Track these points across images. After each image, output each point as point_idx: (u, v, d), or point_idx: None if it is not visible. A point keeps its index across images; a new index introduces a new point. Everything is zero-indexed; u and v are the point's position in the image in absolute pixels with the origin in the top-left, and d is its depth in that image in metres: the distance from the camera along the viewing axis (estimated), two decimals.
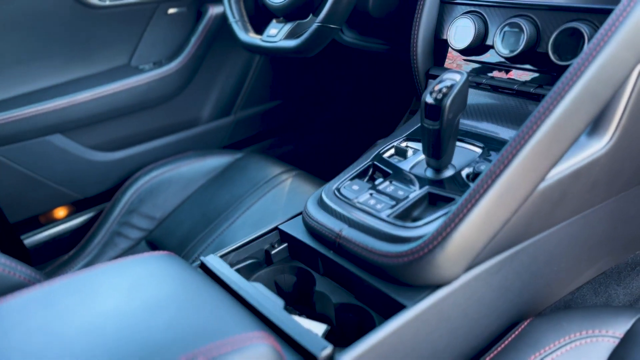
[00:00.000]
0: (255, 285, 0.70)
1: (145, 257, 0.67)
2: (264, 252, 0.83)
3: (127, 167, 1.47)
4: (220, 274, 0.72)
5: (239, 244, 0.82)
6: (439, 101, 0.72)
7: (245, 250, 0.82)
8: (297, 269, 0.81)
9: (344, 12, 0.99)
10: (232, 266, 0.79)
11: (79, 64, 1.44)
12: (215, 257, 0.77)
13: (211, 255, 0.77)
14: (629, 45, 0.65)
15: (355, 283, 0.72)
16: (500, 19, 0.88)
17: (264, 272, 0.81)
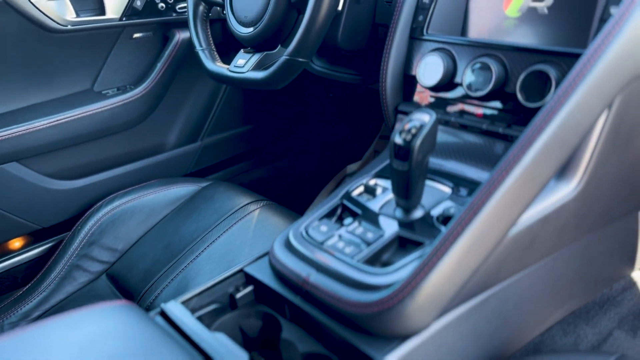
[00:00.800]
0: (217, 336, 0.67)
1: (101, 309, 0.63)
2: (229, 295, 0.80)
3: (88, 196, 1.42)
4: (181, 324, 0.69)
5: (201, 288, 0.78)
6: (408, 142, 0.71)
7: (208, 294, 0.78)
8: (263, 314, 0.78)
9: (313, 46, 0.97)
10: (195, 312, 0.75)
11: (39, 89, 1.39)
12: (177, 303, 0.73)
13: (172, 302, 0.73)
14: (596, 92, 0.65)
15: (323, 331, 0.69)
16: (469, 57, 0.88)
17: (228, 317, 0.78)
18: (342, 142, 1.92)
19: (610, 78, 0.65)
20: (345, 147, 1.92)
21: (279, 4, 1.05)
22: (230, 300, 0.80)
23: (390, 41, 0.97)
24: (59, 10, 1.33)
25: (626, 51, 0.65)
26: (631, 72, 0.67)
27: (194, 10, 1.24)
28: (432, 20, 0.94)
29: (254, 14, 1.08)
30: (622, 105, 0.69)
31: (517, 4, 0.87)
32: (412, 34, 0.96)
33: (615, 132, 0.70)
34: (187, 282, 1.11)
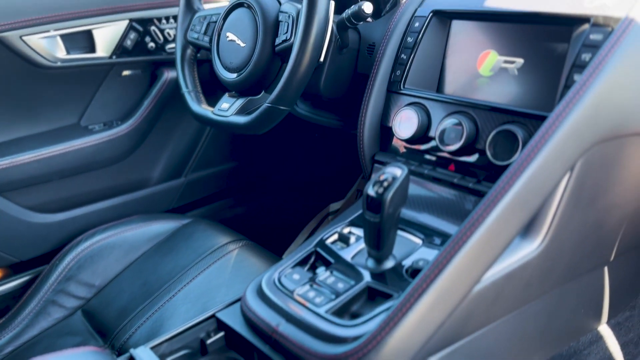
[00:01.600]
0: None
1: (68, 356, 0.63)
2: (200, 341, 0.80)
3: (68, 230, 1.42)
4: None
5: (172, 333, 0.79)
6: (380, 195, 0.73)
7: (179, 339, 0.79)
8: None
9: (294, 95, 1.00)
10: (165, 357, 0.76)
11: (25, 123, 1.40)
12: (146, 349, 0.74)
13: (141, 348, 0.74)
14: (558, 157, 0.68)
15: None
16: (442, 113, 0.91)
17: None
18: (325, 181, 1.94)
19: (571, 143, 0.68)
20: (328, 186, 1.94)
21: (264, 52, 1.08)
22: (201, 346, 0.80)
23: (369, 93, 1.01)
24: (50, 47, 1.36)
25: (586, 118, 0.69)
26: (591, 138, 0.70)
27: (182, 52, 1.27)
28: (409, 75, 0.98)
29: (239, 60, 1.12)
30: (584, 168, 0.72)
31: (490, 64, 0.91)
32: (389, 87, 1.00)
33: (577, 193, 0.73)
34: (161, 322, 1.11)
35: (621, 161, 0.75)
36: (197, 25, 1.26)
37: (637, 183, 0.79)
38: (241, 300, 0.80)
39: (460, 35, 0.96)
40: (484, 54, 0.92)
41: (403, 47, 0.99)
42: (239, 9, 1.14)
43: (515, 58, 0.88)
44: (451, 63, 0.97)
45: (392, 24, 1.02)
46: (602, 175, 0.75)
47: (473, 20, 0.94)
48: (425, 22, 0.98)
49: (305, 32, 0.95)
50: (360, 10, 1.03)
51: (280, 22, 1.06)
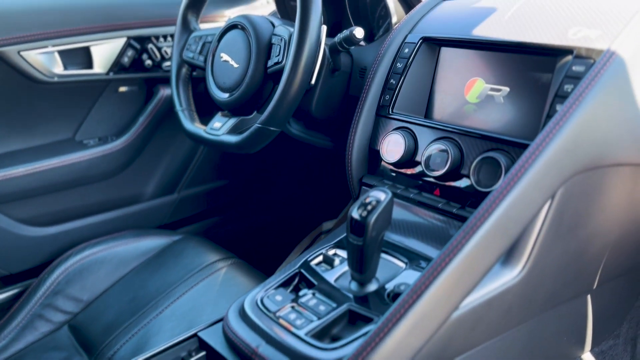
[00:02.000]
0: None
1: None
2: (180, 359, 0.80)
3: (59, 244, 1.43)
4: None
5: (154, 351, 0.79)
6: (364, 218, 0.74)
7: (160, 357, 0.79)
8: None
9: (284, 116, 1.01)
10: None
11: (20, 136, 1.42)
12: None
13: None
14: (537, 186, 0.69)
15: None
16: (429, 138, 0.92)
17: None
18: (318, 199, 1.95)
19: (551, 172, 0.69)
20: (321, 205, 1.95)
21: (256, 74, 1.09)
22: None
23: (358, 116, 1.02)
24: (47, 63, 1.38)
25: (566, 149, 0.70)
26: (571, 168, 0.71)
27: (177, 71, 1.29)
28: (398, 100, 0.99)
29: (232, 81, 1.13)
30: (564, 197, 0.73)
31: (477, 91, 0.93)
32: (378, 111, 1.01)
33: (558, 221, 0.74)
34: (147, 339, 1.11)
35: (602, 191, 0.76)
36: (193, 44, 1.28)
37: (618, 212, 0.80)
38: (223, 320, 0.81)
39: (448, 62, 0.98)
40: (472, 81, 0.94)
41: (392, 72, 1.01)
42: (234, 30, 1.16)
43: (501, 86, 0.90)
44: (439, 89, 0.99)
45: (382, 49, 1.04)
46: (582, 204, 0.76)
47: (461, 48, 0.96)
48: (414, 49, 1.00)
49: (296, 55, 0.97)
50: (351, 35, 1.05)
51: (272, 44, 1.08)
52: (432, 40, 0.99)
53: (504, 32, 0.89)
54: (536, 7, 0.90)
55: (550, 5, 0.88)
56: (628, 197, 0.79)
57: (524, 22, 0.88)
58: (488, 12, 0.95)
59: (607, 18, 0.80)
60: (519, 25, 0.88)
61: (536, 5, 0.90)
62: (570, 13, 0.84)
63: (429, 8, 1.06)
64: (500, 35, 0.89)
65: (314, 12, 0.96)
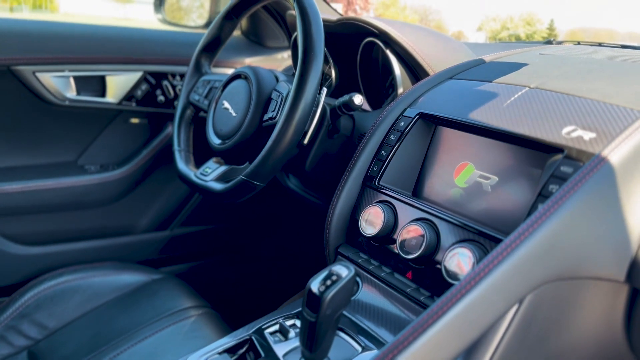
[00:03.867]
0: None
1: None
2: None
3: (40, 265, 1.42)
4: None
5: None
6: (321, 293, 0.70)
7: None
8: None
9: (268, 173, 0.99)
10: None
11: (23, 153, 1.43)
12: None
13: None
14: (500, 290, 0.64)
15: None
16: (409, 216, 0.88)
17: None
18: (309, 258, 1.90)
19: (518, 277, 0.64)
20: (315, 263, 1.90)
21: (251, 125, 1.08)
22: None
23: (344, 183, 0.99)
24: (61, 86, 1.41)
25: (538, 253, 0.65)
26: (543, 275, 0.66)
27: (182, 111, 1.29)
28: (386, 172, 0.96)
29: (228, 129, 1.12)
30: (534, 304, 0.67)
31: (466, 176, 0.89)
32: (365, 181, 0.98)
33: (524, 330, 0.68)
34: None
35: (577, 303, 0.70)
36: (201, 87, 1.28)
37: (595, 329, 0.74)
38: None
39: (442, 142, 0.95)
40: (462, 164, 0.90)
41: (385, 143, 0.98)
42: (238, 79, 1.16)
43: (490, 174, 0.86)
44: (430, 168, 0.95)
45: (379, 118, 1.02)
46: (555, 314, 0.70)
47: (457, 130, 0.93)
48: (410, 123, 0.97)
49: (288, 114, 0.95)
50: (350, 101, 1.04)
51: (271, 99, 1.08)
52: (429, 117, 0.97)
53: (499, 120, 0.86)
54: (537, 99, 0.87)
55: (552, 99, 0.85)
56: (606, 315, 0.73)
57: (521, 112, 0.85)
58: (488, 97, 0.92)
59: (605, 122, 0.76)
60: (516, 115, 0.85)
61: (537, 97, 0.87)
62: (569, 110, 0.81)
63: (432, 84, 1.04)
64: (495, 122, 0.86)
65: (312, 75, 0.95)
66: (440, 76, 1.07)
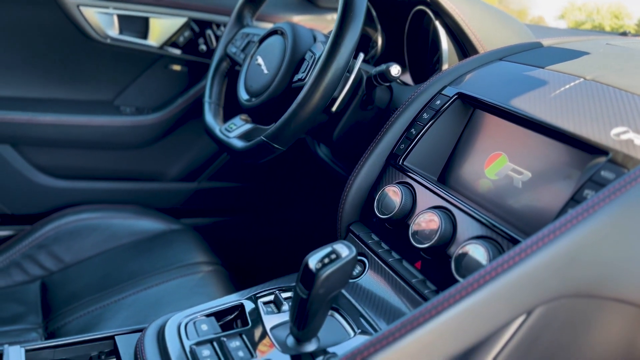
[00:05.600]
0: None
1: None
2: (89, 359, 0.75)
3: (63, 198, 1.43)
4: None
5: (68, 340, 0.74)
6: (317, 270, 0.66)
7: (67, 350, 0.74)
8: None
9: (290, 137, 0.94)
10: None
11: (60, 86, 1.44)
12: (20, 349, 0.69)
13: (16, 347, 0.69)
14: (506, 298, 0.57)
15: None
16: (427, 203, 0.82)
17: None
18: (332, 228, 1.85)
19: (529, 286, 0.57)
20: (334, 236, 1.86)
21: (281, 85, 1.03)
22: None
23: (365, 158, 0.93)
24: (104, 23, 1.39)
25: (557, 264, 0.58)
26: (558, 289, 0.59)
27: (217, 63, 1.25)
28: (413, 152, 0.89)
29: (258, 86, 1.08)
30: (544, 319, 0.60)
31: (497, 167, 0.82)
32: (389, 158, 0.92)
33: (529, 344, 0.62)
34: (99, 320, 1.07)
35: (593, 325, 0.63)
36: (239, 40, 1.24)
37: (608, 356, 0.66)
38: (142, 332, 0.74)
39: (478, 128, 0.87)
40: (495, 155, 0.82)
41: (416, 121, 0.91)
42: (276, 36, 1.10)
43: (523, 169, 0.78)
44: (460, 154, 0.88)
45: (415, 93, 0.95)
46: (565, 334, 0.63)
47: (495, 116, 0.85)
48: (447, 102, 0.90)
49: (317, 77, 0.89)
50: (386, 71, 0.97)
51: (304, 59, 1.02)
52: (468, 99, 0.89)
53: (543, 111, 0.77)
54: (590, 92, 0.77)
55: (606, 94, 0.76)
56: (625, 342, 0.65)
57: (569, 105, 0.76)
58: (536, 85, 0.84)
59: None
60: (562, 107, 0.76)
61: (591, 91, 0.78)
62: (623, 109, 0.72)
63: (479, 64, 0.96)
64: (538, 113, 0.77)
65: (349, 37, 0.88)
66: (489, 56, 0.98)
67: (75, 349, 0.74)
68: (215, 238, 1.45)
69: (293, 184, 1.75)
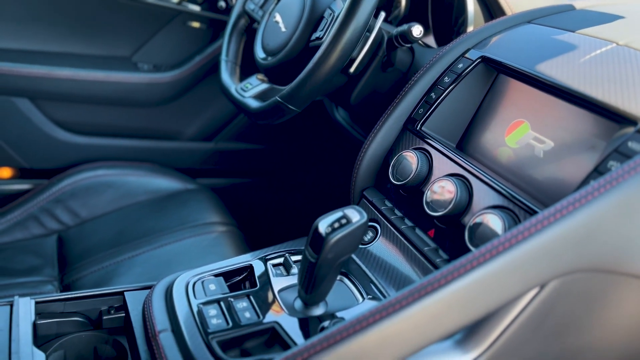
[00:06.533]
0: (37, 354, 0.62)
1: None
2: (99, 312, 0.75)
3: (80, 154, 1.43)
4: (14, 326, 0.65)
5: (75, 294, 0.74)
6: (327, 234, 0.64)
7: (78, 304, 0.74)
8: (120, 347, 0.73)
9: (305, 98, 0.92)
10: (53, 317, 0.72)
11: (79, 41, 1.42)
12: (30, 301, 0.70)
13: (27, 299, 0.70)
14: (520, 269, 0.55)
15: None
16: (444, 170, 0.79)
17: (85, 335, 0.73)
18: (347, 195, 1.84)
19: (543, 259, 0.55)
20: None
21: (298, 44, 1.00)
22: (98, 319, 0.75)
23: (382, 122, 0.90)
24: None
25: (574, 237, 0.55)
26: (574, 262, 0.57)
27: (235, 20, 1.22)
28: (432, 117, 0.87)
29: (276, 44, 1.05)
30: (558, 293, 0.58)
31: (519, 135, 0.78)
32: (406, 123, 0.89)
33: (541, 316, 0.60)
34: (112, 276, 1.08)
35: (608, 301, 0.61)
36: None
37: (625, 333, 0.64)
38: (151, 289, 0.74)
39: (501, 94, 0.84)
40: (517, 122, 0.79)
41: (437, 85, 0.88)
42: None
43: (546, 138, 0.75)
44: (481, 120, 0.85)
45: (436, 56, 0.91)
46: (579, 309, 0.61)
47: (520, 82, 0.81)
48: (470, 66, 0.86)
49: (335, 36, 0.86)
50: (408, 31, 0.93)
51: (323, 17, 0.98)
52: (492, 63, 0.85)
53: (570, 78, 0.73)
54: (622, 58, 0.73)
55: (638, 61, 0.71)
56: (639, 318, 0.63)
57: (599, 72, 0.72)
58: (565, 50, 0.79)
59: None
60: (591, 74, 0.72)
61: (623, 57, 0.73)
62: None
63: (506, 26, 0.91)
64: (565, 80, 0.73)
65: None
66: (517, 18, 0.94)
67: (85, 303, 0.74)
68: (230, 199, 1.44)
69: (310, 148, 1.73)
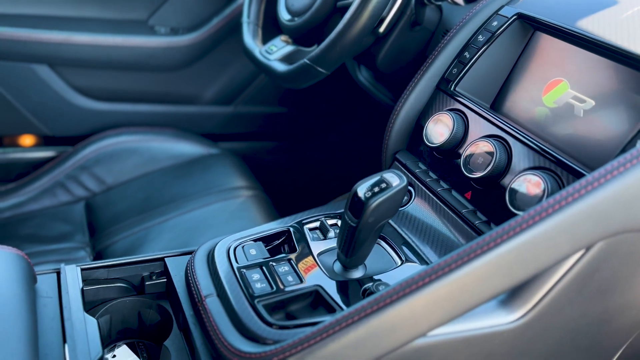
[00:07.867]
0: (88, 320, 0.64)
1: None
2: (141, 278, 0.77)
3: (103, 121, 1.43)
4: (64, 293, 0.66)
5: (118, 261, 0.76)
6: (367, 199, 0.65)
7: (120, 270, 0.76)
8: (163, 311, 0.75)
9: (335, 59, 0.91)
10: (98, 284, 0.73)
11: (93, 5, 1.40)
12: (76, 268, 0.71)
13: (72, 266, 0.71)
14: (568, 231, 0.55)
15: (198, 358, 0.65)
16: (481, 131, 0.79)
17: (130, 300, 0.75)
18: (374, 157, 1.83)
19: (591, 221, 0.55)
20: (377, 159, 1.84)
21: (326, 3, 0.98)
22: (140, 284, 0.77)
23: (414, 84, 0.89)
24: None
25: (623, 198, 0.55)
26: (623, 223, 0.57)
27: None
28: (465, 78, 0.85)
29: (301, 5, 1.03)
30: (604, 254, 0.59)
31: (557, 95, 0.77)
32: (439, 84, 0.88)
33: (586, 277, 0.60)
34: (143, 242, 1.10)
35: None
36: None
37: None
38: (192, 255, 0.75)
39: (538, 52, 0.82)
40: (555, 81, 0.78)
41: (471, 44, 0.86)
42: None
43: (586, 97, 0.73)
44: (517, 79, 0.83)
45: (469, 14, 0.89)
46: (624, 268, 0.61)
47: (558, 39, 0.79)
48: (505, 24, 0.84)
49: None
50: None
51: None
52: (528, 20, 0.83)
53: (612, 33, 0.72)
54: None
55: None
56: None
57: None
58: (606, 4, 0.77)
59: None
60: (635, 29, 0.70)
61: None
62: None
63: None
64: (607, 35, 0.72)
65: None
66: None
67: (128, 269, 0.76)
68: (254, 164, 1.44)
69: (332, 109, 1.71)
